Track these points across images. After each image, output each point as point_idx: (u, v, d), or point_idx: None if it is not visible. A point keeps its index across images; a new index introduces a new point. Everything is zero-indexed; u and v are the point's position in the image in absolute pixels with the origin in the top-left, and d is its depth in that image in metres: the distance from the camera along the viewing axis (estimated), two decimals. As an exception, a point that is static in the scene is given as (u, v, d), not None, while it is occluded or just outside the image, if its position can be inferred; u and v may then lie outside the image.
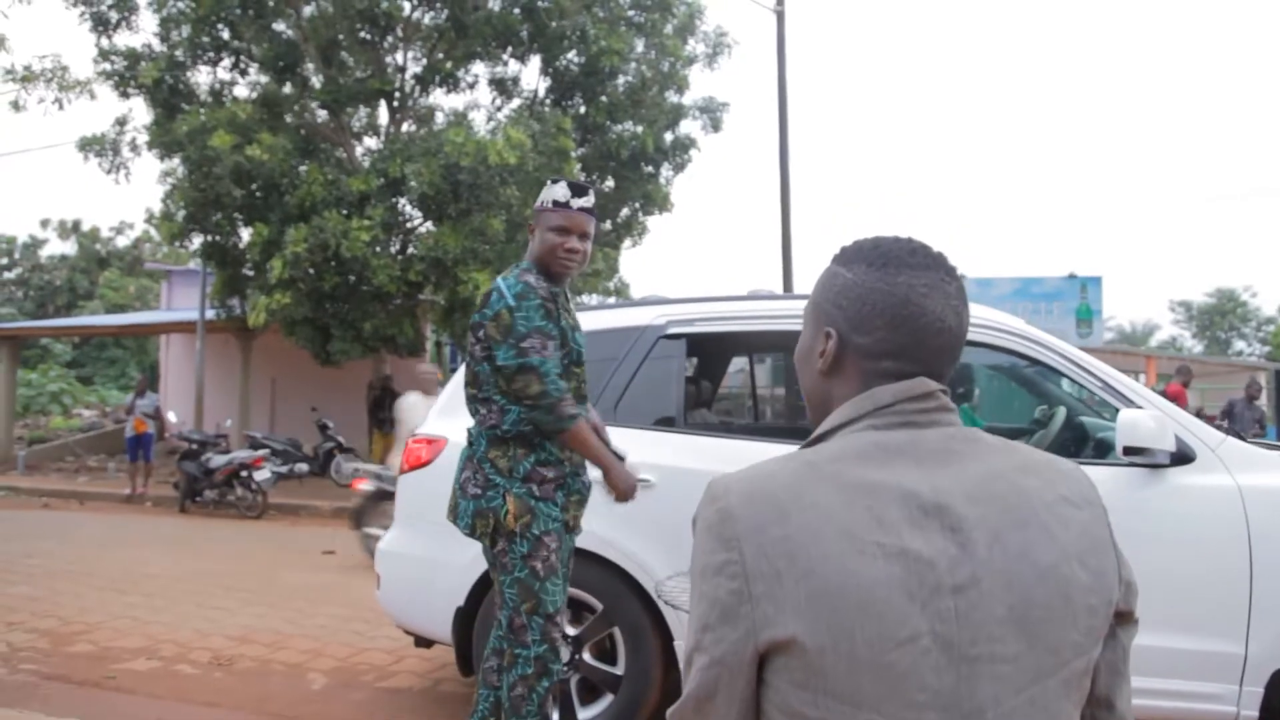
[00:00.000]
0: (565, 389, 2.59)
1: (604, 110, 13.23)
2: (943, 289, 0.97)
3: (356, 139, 14.40)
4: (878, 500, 0.86)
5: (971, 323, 3.27)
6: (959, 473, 0.89)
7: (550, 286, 2.67)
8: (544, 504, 2.60)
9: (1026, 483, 0.90)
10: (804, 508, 0.86)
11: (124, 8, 12.00)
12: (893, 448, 0.91)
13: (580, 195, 2.67)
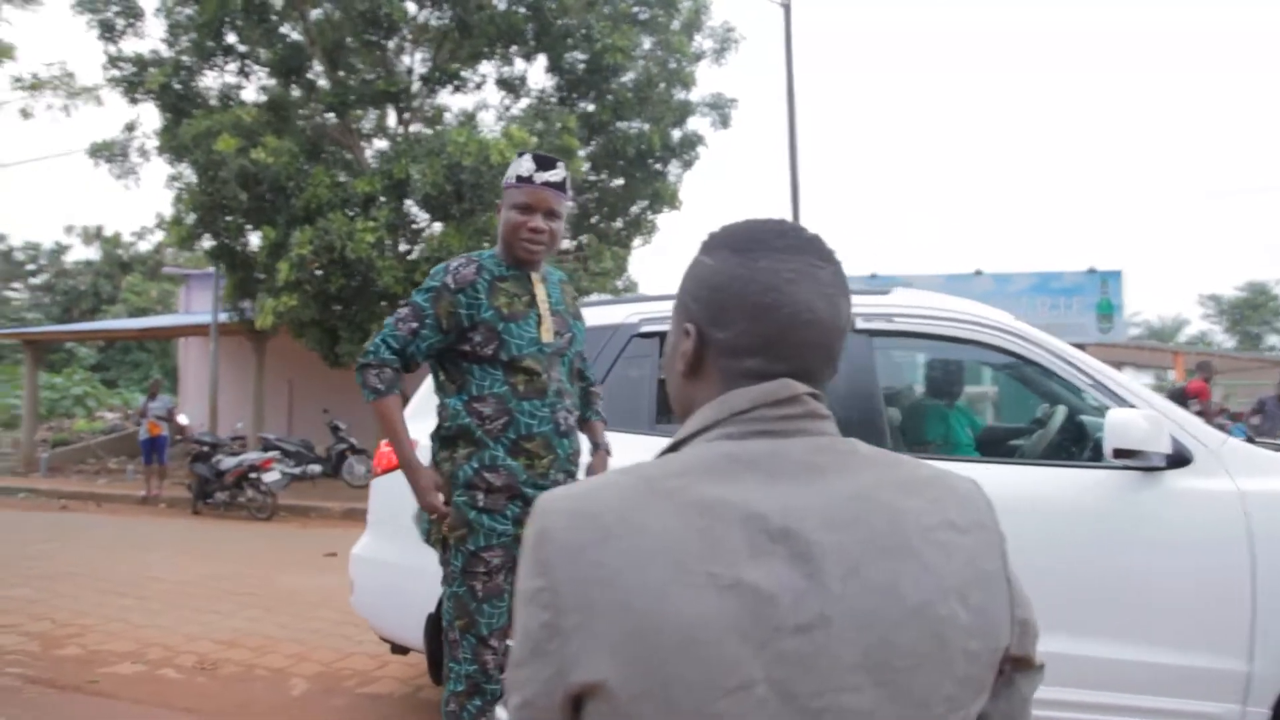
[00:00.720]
0: (383, 356, 2.36)
1: (610, 108, 13.16)
2: (813, 275, 0.85)
3: (366, 141, 14.40)
4: (716, 522, 0.75)
5: (955, 319, 3.19)
6: (819, 491, 0.78)
7: (498, 270, 2.40)
8: (487, 516, 2.32)
9: (903, 504, 0.79)
10: (629, 530, 0.75)
11: (130, 14, 12.07)
12: (745, 461, 0.80)
13: (546, 169, 2.39)
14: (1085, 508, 2.82)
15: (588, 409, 2.73)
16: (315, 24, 12.92)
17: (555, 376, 2.43)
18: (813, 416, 0.85)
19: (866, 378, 3.10)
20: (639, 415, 3.38)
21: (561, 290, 2.57)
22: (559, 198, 2.42)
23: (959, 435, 4.04)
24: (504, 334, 2.35)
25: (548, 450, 2.38)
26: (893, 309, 3.19)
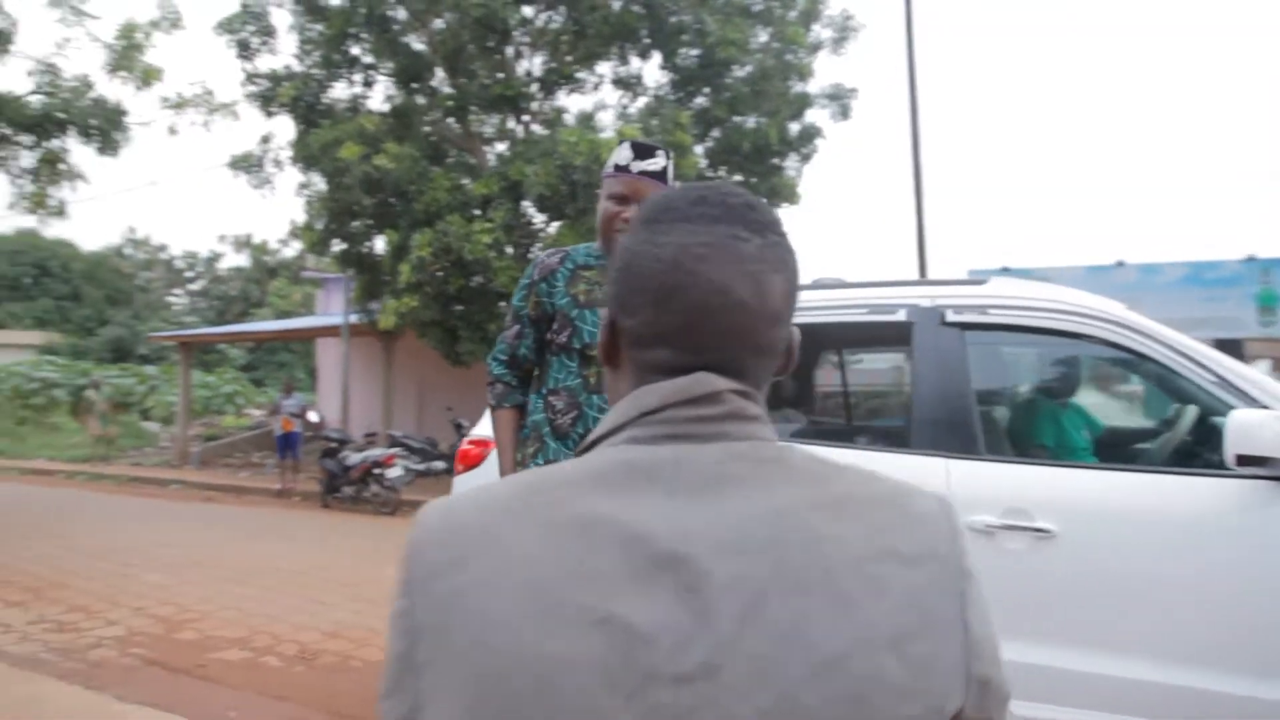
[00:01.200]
0: (494, 372, 2.40)
1: (725, 103, 12.98)
2: (732, 249, 0.70)
3: (487, 145, 14.72)
4: (595, 544, 0.63)
5: (1057, 310, 2.92)
6: (725, 509, 0.65)
7: (587, 259, 2.35)
8: None
9: (830, 528, 0.64)
10: (495, 549, 0.64)
11: (265, 33, 12.71)
12: (644, 470, 0.67)
13: (644, 157, 2.27)
14: (1202, 523, 2.51)
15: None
16: (436, 33, 13.31)
17: None
18: (735, 418, 0.71)
19: (957, 374, 2.86)
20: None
21: None
22: (656, 188, 2.23)
23: (1073, 438, 3.72)
24: (577, 320, 2.27)
25: None
26: (987, 300, 2.94)
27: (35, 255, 36.87)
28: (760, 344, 0.73)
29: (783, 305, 0.73)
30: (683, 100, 13.43)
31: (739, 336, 0.72)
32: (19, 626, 5.23)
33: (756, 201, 0.76)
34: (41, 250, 37.03)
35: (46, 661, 4.51)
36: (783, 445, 0.72)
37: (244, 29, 12.50)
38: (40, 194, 11.50)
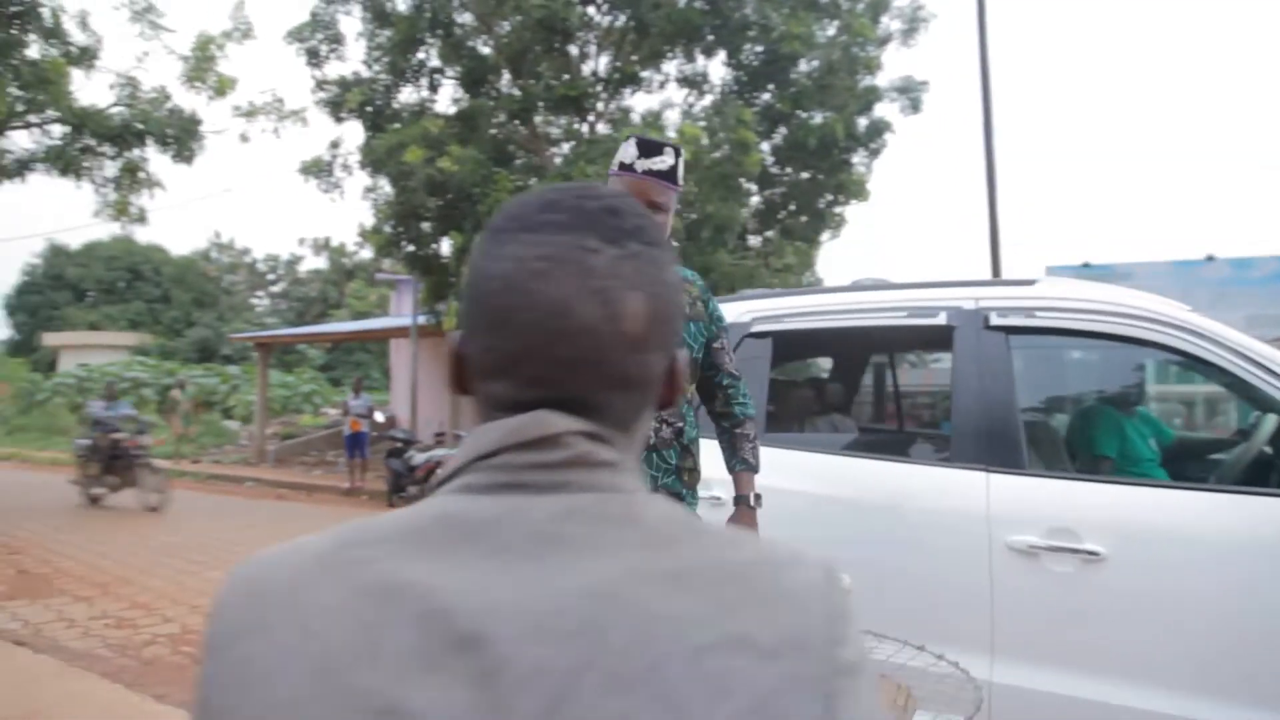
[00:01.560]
0: None
1: (790, 99, 12.74)
2: (578, 264, 0.60)
3: (555, 146, 14.76)
4: (392, 617, 0.53)
5: (1112, 312, 2.70)
6: (544, 579, 0.54)
7: None
8: None
9: (669, 606, 0.53)
10: (295, 614, 0.55)
11: (333, 40, 12.96)
12: (463, 527, 0.57)
13: (650, 155, 2.11)
14: (1268, 548, 2.28)
15: (732, 455, 2.33)
16: (502, 36, 13.40)
17: None
18: (580, 465, 0.60)
19: (1001, 381, 2.67)
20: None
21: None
22: (663, 188, 2.11)
23: (1138, 449, 3.47)
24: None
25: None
26: (1035, 302, 2.74)
27: (129, 260, 38.51)
28: (616, 375, 0.62)
29: (646, 328, 0.62)
30: (747, 97, 13.24)
31: (586, 367, 0.61)
32: (82, 621, 5.38)
33: (623, 204, 0.64)
34: (135, 255, 38.66)
35: (101, 658, 4.61)
36: (638, 498, 0.60)
37: (313, 37, 12.77)
38: (122, 202, 11.92)
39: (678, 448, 2.15)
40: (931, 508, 2.60)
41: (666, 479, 2.13)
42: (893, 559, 2.62)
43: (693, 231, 12.05)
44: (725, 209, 11.51)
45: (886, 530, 2.65)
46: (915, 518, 2.62)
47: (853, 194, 14.16)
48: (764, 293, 3.41)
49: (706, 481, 3.01)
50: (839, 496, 2.77)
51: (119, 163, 11.50)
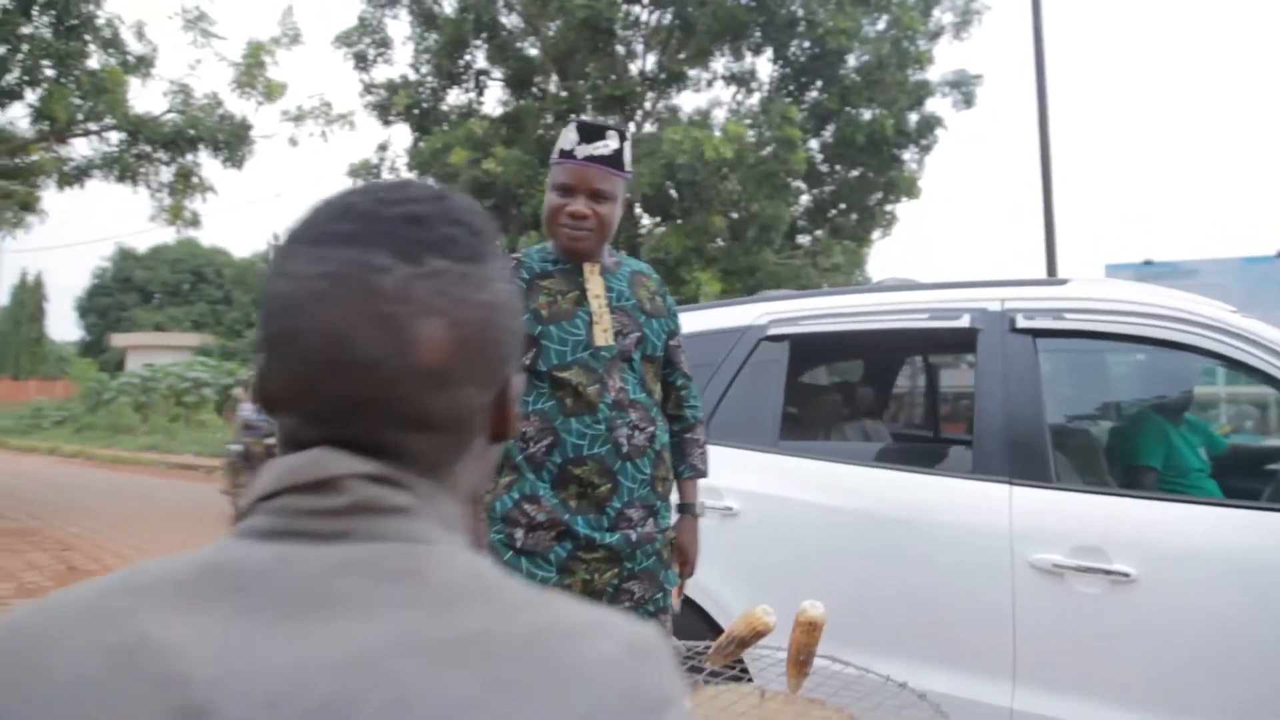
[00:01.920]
0: None
1: (838, 95, 12.50)
2: (364, 283, 0.52)
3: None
4: (133, 680, 0.46)
5: (1148, 314, 2.52)
6: (296, 644, 0.46)
7: (542, 265, 2.00)
8: (526, 559, 1.88)
9: (429, 683, 0.45)
10: (44, 673, 0.48)
11: (381, 44, 13.09)
12: (230, 578, 0.50)
13: (592, 139, 1.92)
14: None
15: (680, 460, 2.17)
16: (548, 37, 13.41)
17: (616, 385, 1.94)
18: (365, 512, 0.52)
19: (1026, 387, 2.51)
20: (762, 430, 2.98)
21: (633, 282, 2.07)
22: (606, 175, 1.94)
23: (1186, 459, 3.26)
24: (542, 339, 1.94)
25: (604, 477, 1.91)
26: (1066, 303, 2.57)
27: (193, 263, 39.60)
28: (412, 414, 0.53)
29: (450, 360, 0.53)
30: (795, 94, 13.04)
31: (371, 405, 0.52)
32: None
33: (433, 210, 0.55)
34: (198, 258, 39.74)
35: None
36: (429, 551, 0.52)
37: (361, 42, 12.91)
38: (177, 206, 12.16)
39: (651, 455, 1.99)
40: (951, 522, 2.45)
41: (641, 490, 1.97)
42: (910, 576, 2.48)
43: (738, 230, 11.92)
44: (771, 208, 11.34)
45: (904, 545, 2.50)
46: (934, 532, 2.47)
47: (903, 191, 13.87)
48: (781, 294, 3.28)
49: (717, 490, 2.91)
50: (853, 508, 2.63)
51: (173, 168, 11.73)
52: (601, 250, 2.02)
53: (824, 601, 2.68)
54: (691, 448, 2.21)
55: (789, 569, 2.72)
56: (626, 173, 1.99)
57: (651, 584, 2.00)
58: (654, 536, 1.99)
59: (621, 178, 1.97)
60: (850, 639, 2.57)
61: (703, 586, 2.88)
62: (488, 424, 0.59)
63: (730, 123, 10.77)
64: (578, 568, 1.90)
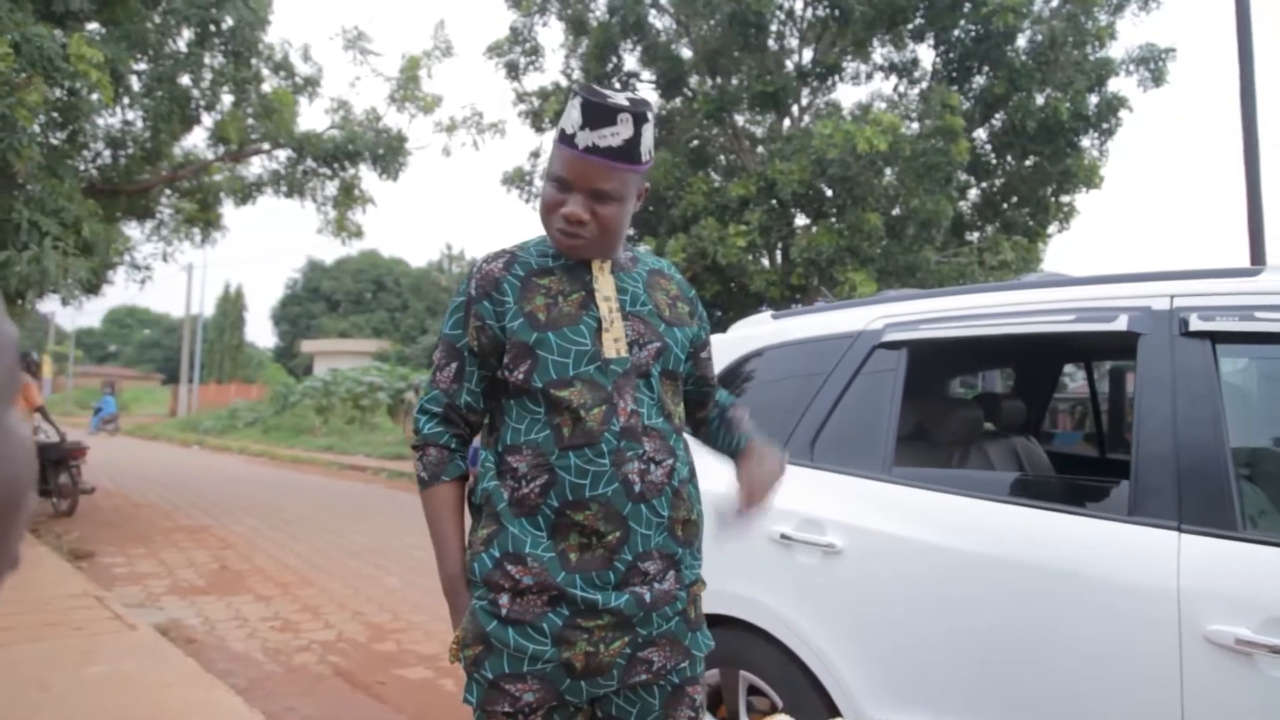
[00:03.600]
0: (428, 432, 1.66)
1: (1006, 79, 11.55)
2: None
3: (755, 145, 14.34)
4: None
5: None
6: None
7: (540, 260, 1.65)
8: (514, 630, 1.53)
9: None
10: None
11: (532, 53, 13.22)
12: None
13: (599, 124, 1.50)
14: None
15: (730, 436, 1.84)
16: (698, 37, 13.16)
17: (627, 408, 1.57)
18: None
19: (1202, 406, 1.98)
20: (874, 454, 2.55)
21: (649, 283, 1.71)
22: (613, 172, 1.53)
23: None
24: (539, 348, 1.56)
25: (612, 523, 1.53)
26: (1256, 299, 2.01)
27: (374, 273, 41.98)
28: None
29: None
30: (959, 81, 12.18)
31: None
32: (253, 621, 5.57)
33: None
34: (379, 268, 42.08)
35: (252, 661, 4.71)
36: None
37: (512, 51, 13.09)
38: (341, 218, 12.71)
39: (669, 492, 1.58)
40: (1098, 577, 1.96)
41: (658, 537, 1.57)
42: (1041, 643, 2.00)
43: (896, 228, 11.23)
44: (931, 202, 10.59)
45: (1035, 603, 2.03)
46: (1076, 590, 1.98)
47: (1082, 181, 12.71)
48: (901, 294, 2.83)
49: (819, 523, 2.51)
50: (974, 552, 2.17)
51: (336, 182, 12.26)
52: (615, 250, 1.65)
53: (936, 666, 2.25)
54: (739, 421, 1.85)
55: (899, 623, 2.29)
56: (642, 163, 1.57)
57: (675, 651, 1.60)
58: (675, 594, 1.59)
59: (634, 171, 1.56)
60: (963, 713, 2.12)
61: (799, 633, 2.49)
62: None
63: (881, 113, 10.10)
64: (577, 638, 1.52)
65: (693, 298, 1.79)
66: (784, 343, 2.99)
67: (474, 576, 1.59)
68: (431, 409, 1.68)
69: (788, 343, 2.98)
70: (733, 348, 3.14)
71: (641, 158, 1.55)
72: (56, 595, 5.58)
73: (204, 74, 10.89)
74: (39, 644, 4.50)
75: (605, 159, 1.52)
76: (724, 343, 3.18)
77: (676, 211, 11.83)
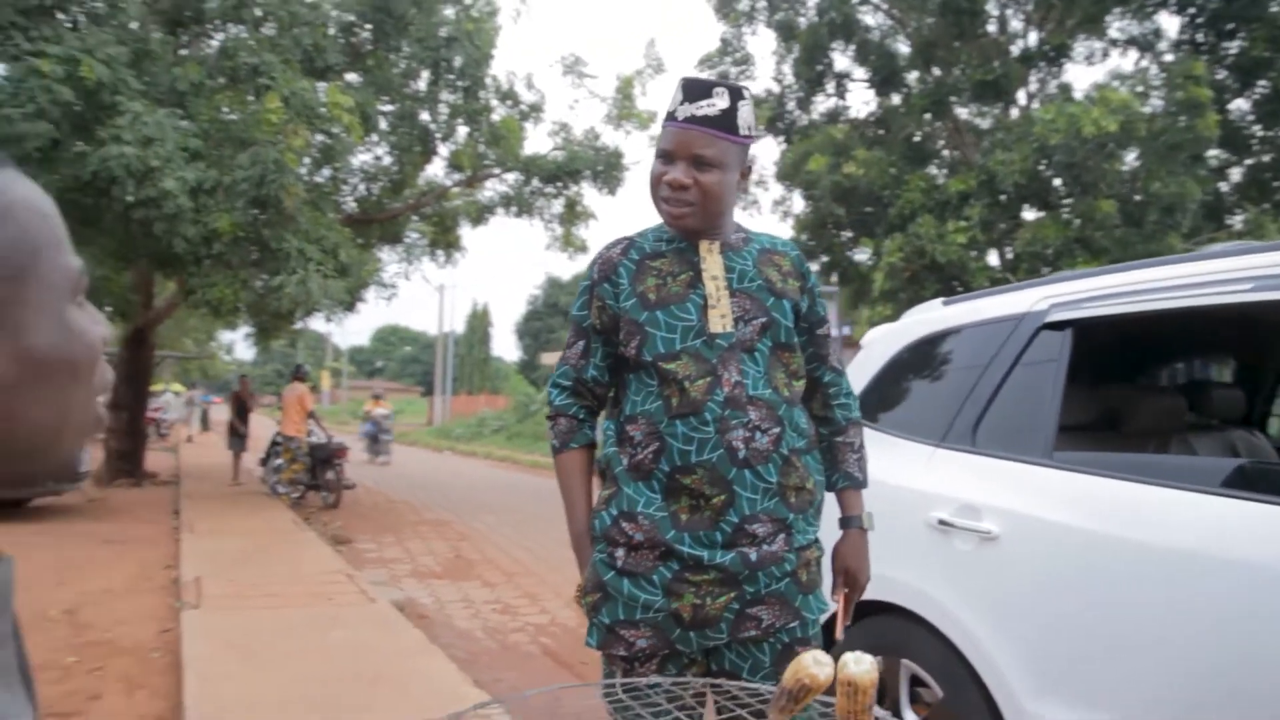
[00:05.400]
0: (556, 404, 1.85)
1: (1266, 40, 10.33)
2: None
3: (979, 138, 13.74)
4: None
5: None
6: None
7: (654, 244, 1.78)
8: (629, 580, 1.67)
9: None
10: None
11: (741, 62, 13.41)
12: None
13: (696, 98, 1.65)
14: None
15: (834, 469, 1.88)
16: (913, 31, 12.81)
17: (731, 379, 1.67)
18: None
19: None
20: (1034, 437, 2.47)
21: (760, 261, 1.78)
22: (712, 139, 1.64)
23: None
24: (648, 325, 1.70)
25: (717, 487, 1.64)
26: None
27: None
28: None
29: None
30: (1210, 48, 11.04)
31: None
32: (477, 603, 6.09)
33: None
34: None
35: (472, 638, 5.16)
36: None
37: (723, 62, 13.33)
38: (567, 233, 13.48)
39: (778, 460, 1.67)
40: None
41: (767, 502, 1.66)
42: (1238, 651, 1.87)
43: (1134, 215, 10.32)
44: (1175, 185, 9.67)
45: (1236, 607, 1.89)
46: (1268, 587, 1.82)
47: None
48: (1070, 274, 2.70)
49: (975, 508, 2.46)
50: (1152, 543, 2.05)
51: (560, 200, 13.02)
52: (717, 224, 1.74)
53: (1104, 667, 2.13)
54: (844, 453, 1.87)
55: (1064, 616, 2.20)
56: (741, 136, 1.67)
57: (784, 611, 1.69)
58: (782, 556, 1.68)
59: (733, 142, 1.66)
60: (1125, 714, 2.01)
61: (956, 622, 2.45)
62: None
63: (1110, 91, 9.35)
64: (685, 590, 1.65)
65: (805, 272, 1.85)
66: (952, 328, 2.94)
67: (595, 532, 1.77)
68: (562, 383, 1.86)
69: (955, 328, 2.93)
70: (902, 335, 3.12)
71: (740, 130, 1.66)
72: (318, 572, 6.37)
73: (440, 109, 11.98)
74: (300, 610, 5.19)
75: (703, 127, 1.65)
76: (894, 331, 3.18)
77: (893, 210, 11.55)
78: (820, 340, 1.87)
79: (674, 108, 1.68)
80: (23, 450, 0.57)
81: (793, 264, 1.83)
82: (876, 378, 3.10)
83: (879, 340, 3.24)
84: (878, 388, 3.07)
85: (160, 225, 7.95)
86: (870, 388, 3.07)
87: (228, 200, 8.45)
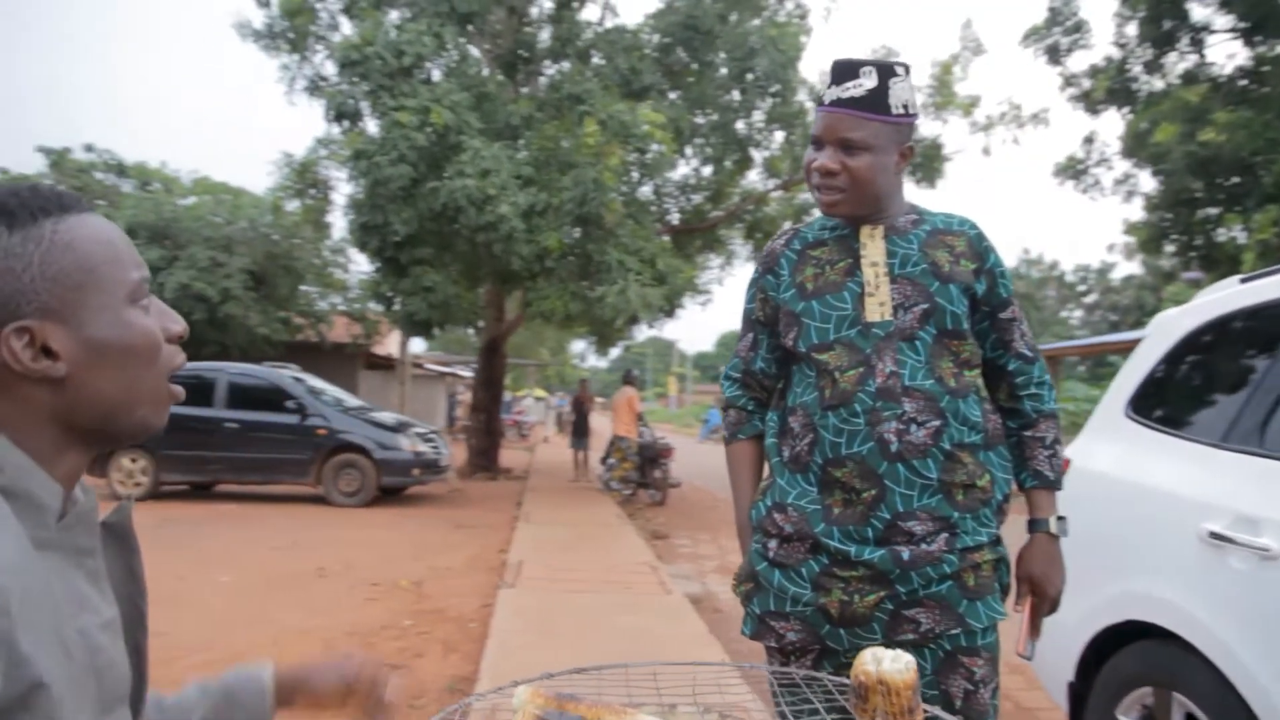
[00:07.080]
0: (729, 394, 1.87)
1: None
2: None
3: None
4: None
5: None
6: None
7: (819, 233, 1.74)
8: (780, 572, 1.66)
9: None
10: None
11: (1073, 30, 12.17)
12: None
13: (842, 79, 1.58)
14: None
15: (1021, 467, 1.74)
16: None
17: (885, 370, 1.60)
18: None
19: None
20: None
21: (928, 243, 1.68)
22: (857, 121, 1.57)
23: None
24: (803, 315, 1.67)
25: (867, 481, 1.58)
26: None
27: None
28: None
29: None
30: None
31: None
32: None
33: None
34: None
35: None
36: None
37: (1052, 34, 12.20)
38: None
39: (938, 455, 1.56)
40: None
41: (926, 499, 1.55)
42: None
43: None
44: None
45: None
46: None
47: None
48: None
49: (1253, 521, 2.09)
50: None
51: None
52: (878, 208, 1.65)
53: None
54: (1034, 449, 1.69)
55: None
56: (894, 116, 1.58)
57: (946, 616, 1.57)
58: (940, 556, 1.56)
59: (884, 122, 1.58)
60: None
61: (1228, 652, 2.09)
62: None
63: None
64: (833, 586, 1.61)
65: (983, 251, 1.70)
66: (1244, 309, 2.52)
67: (753, 522, 1.77)
68: (732, 375, 1.89)
69: (1248, 309, 2.50)
70: (1189, 319, 2.73)
71: (890, 109, 1.58)
72: (626, 562, 6.82)
73: (754, 117, 12.21)
74: (600, 595, 5.61)
75: (850, 109, 1.58)
76: (1181, 314, 2.80)
77: (1268, 178, 9.83)
78: (1004, 325, 1.72)
79: (823, 91, 1.65)
80: (102, 413, 0.76)
81: (969, 244, 1.69)
82: (1154, 368, 2.73)
83: (1162, 325, 2.85)
84: (1153, 379, 2.71)
85: (498, 246, 8.97)
86: (1146, 380, 2.73)
87: (556, 220, 9.31)
